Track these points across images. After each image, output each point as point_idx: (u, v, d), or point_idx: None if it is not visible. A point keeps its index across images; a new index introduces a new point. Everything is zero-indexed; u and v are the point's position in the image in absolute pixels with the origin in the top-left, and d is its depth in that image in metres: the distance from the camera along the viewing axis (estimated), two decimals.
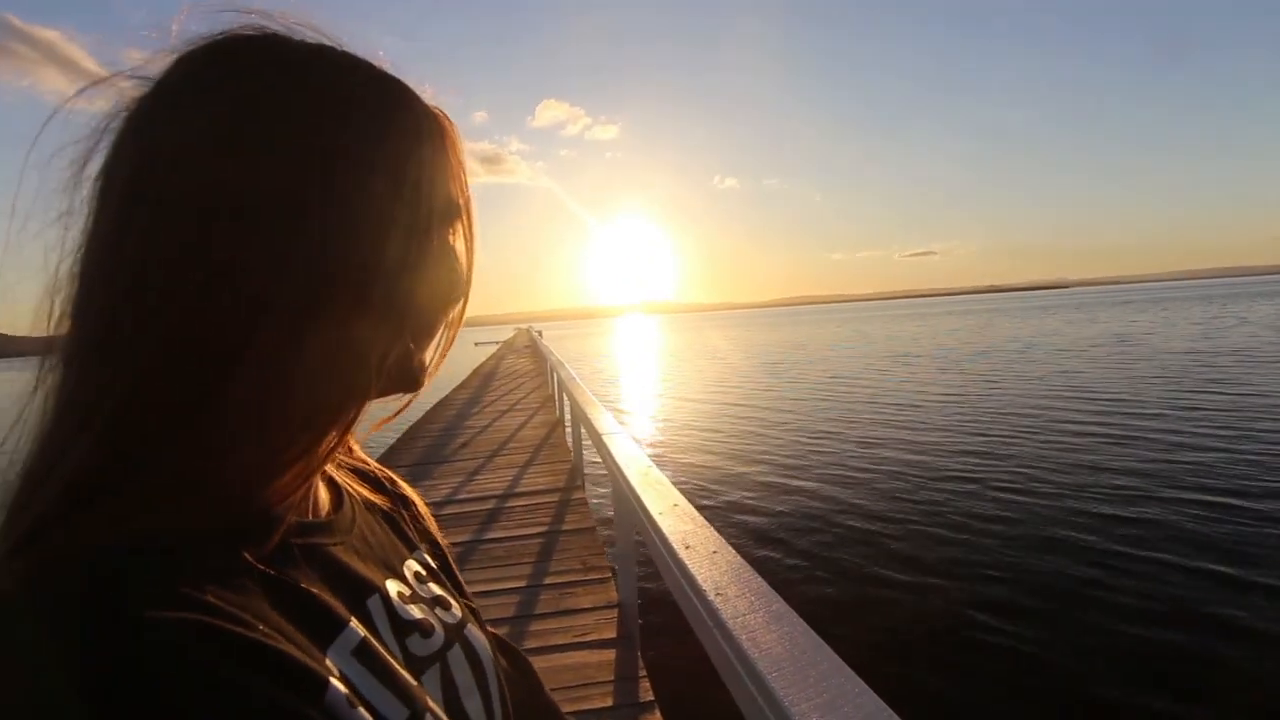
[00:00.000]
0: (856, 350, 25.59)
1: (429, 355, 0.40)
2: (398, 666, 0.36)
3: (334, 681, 0.29)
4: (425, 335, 0.39)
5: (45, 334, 0.32)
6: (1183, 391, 10.77)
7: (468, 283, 0.40)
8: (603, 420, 2.78)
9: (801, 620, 0.83)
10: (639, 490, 1.60)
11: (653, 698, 2.04)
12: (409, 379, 0.39)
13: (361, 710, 0.29)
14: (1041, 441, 8.08)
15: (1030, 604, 4.18)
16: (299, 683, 0.27)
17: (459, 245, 0.40)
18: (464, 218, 0.40)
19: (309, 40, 0.36)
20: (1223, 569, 4.42)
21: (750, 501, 6.53)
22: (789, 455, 8.38)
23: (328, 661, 0.31)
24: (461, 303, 0.41)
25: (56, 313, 0.32)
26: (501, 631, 0.52)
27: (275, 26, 0.35)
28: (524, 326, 30.80)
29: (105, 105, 0.33)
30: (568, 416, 5.92)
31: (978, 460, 7.41)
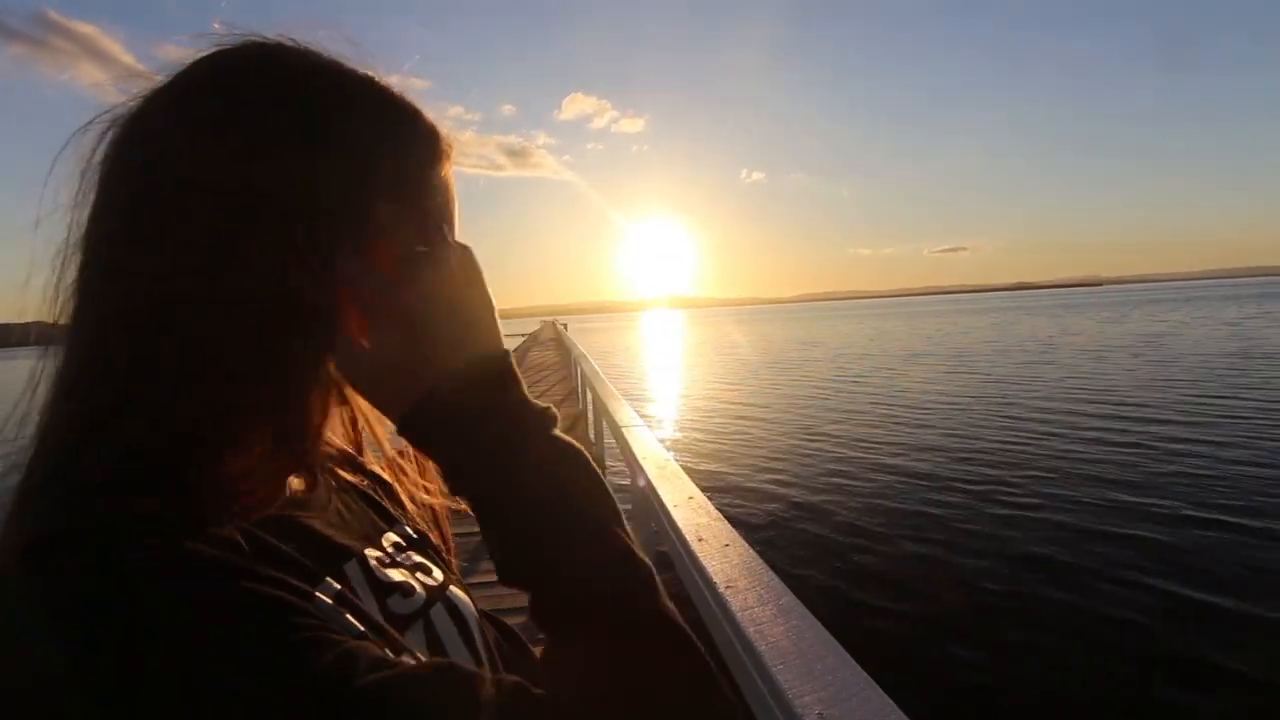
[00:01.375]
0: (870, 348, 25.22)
1: None
2: (378, 617, 0.38)
3: (320, 595, 0.34)
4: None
5: (49, 323, 0.34)
6: (1214, 396, 10.41)
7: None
8: (623, 413, 2.79)
9: (810, 615, 0.83)
10: (656, 483, 1.60)
11: None
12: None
13: (349, 616, 0.34)
14: (1077, 445, 7.90)
15: (1049, 607, 4.11)
16: (293, 588, 0.32)
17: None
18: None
19: (321, 59, 0.38)
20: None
21: (773, 495, 6.51)
22: (814, 451, 8.32)
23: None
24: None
25: (59, 304, 0.34)
26: (518, 621, 0.54)
27: (299, 41, 0.37)
28: (549, 319, 30.74)
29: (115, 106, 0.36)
30: (590, 409, 5.95)
31: (1015, 461, 7.29)
